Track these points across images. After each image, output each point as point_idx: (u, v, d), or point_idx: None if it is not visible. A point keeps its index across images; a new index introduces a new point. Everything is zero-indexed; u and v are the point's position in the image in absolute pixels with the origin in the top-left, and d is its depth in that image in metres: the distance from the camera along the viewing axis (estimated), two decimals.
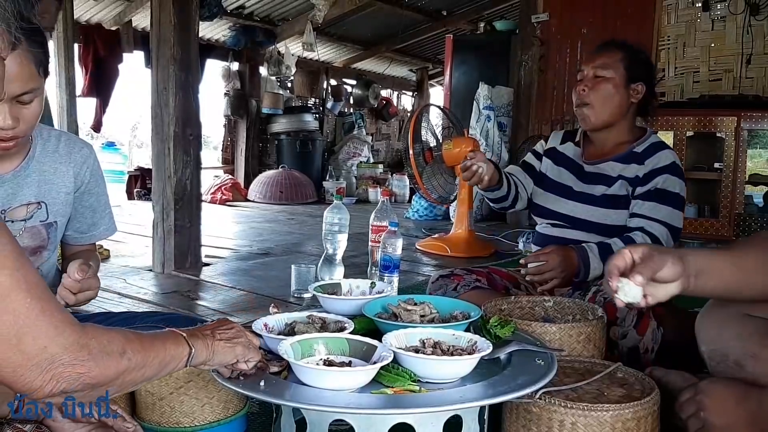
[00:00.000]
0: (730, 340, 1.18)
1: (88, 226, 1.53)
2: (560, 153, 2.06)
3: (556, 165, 2.05)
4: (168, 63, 3.05)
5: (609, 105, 1.88)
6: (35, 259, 1.44)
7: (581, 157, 2.00)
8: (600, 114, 1.89)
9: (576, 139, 2.05)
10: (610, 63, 1.87)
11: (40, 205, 1.42)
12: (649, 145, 1.90)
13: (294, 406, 1.08)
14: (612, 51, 1.90)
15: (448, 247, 3.80)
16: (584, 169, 1.97)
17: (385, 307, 1.30)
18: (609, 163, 1.92)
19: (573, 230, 1.90)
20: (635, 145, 1.91)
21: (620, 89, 1.87)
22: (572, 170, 2.00)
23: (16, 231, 1.39)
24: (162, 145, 3.13)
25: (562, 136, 2.11)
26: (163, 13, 3.06)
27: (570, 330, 1.37)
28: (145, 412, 1.22)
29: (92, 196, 1.53)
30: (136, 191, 6.77)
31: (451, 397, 0.98)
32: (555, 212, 1.97)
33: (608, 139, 1.94)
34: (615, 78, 1.87)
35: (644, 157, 1.88)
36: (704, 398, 1.13)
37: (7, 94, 1.19)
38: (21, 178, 1.39)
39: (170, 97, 3.07)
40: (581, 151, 2.01)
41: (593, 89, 1.87)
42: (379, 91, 9.11)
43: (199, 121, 3.24)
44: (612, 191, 1.88)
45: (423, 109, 4.01)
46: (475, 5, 7.62)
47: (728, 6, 4.35)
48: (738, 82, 4.36)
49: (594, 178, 1.94)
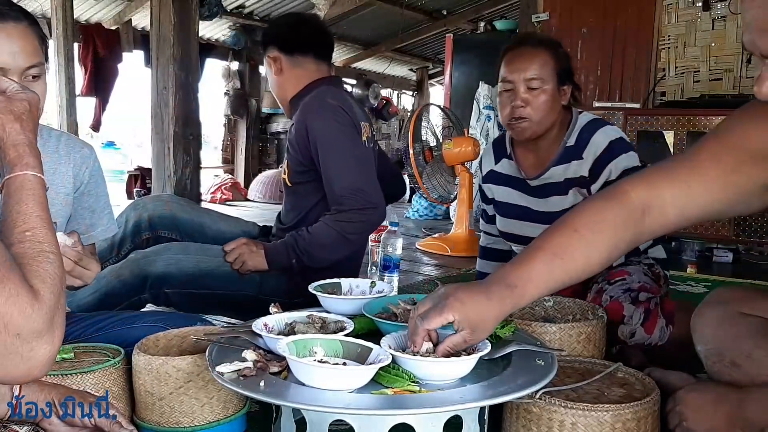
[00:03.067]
0: (725, 339, 1.18)
1: (87, 227, 1.53)
2: (499, 174, 2.01)
3: (501, 186, 2.00)
4: (168, 62, 3.06)
5: (547, 116, 1.82)
6: None
7: (520, 173, 1.94)
8: (539, 126, 1.83)
9: (507, 152, 1.99)
10: (542, 72, 1.80)
11: None
12: (580, 131, 1.83)
13: (294, 407, 1.08)
14: (539, 55, 1.81)
15: (449, 246, 3.79)
16: (530, 185, 1.92)
17: (385, 307, 1.30)
18: (551, 170, 1.86)
19: None
20: (566, 140, 1.84)
21: (555, 95, 1.82)
22: (519, 188, 1.95)
23: None
24: (162, 144, 3.14)
25: (494, 156, 2.04)
26: (163, 12, 3.06)
27: (570, 330, 1.37)
28: (144, 413, 1.22)
29: (91, 197, 1.52)
30: (135, 191, 6.76)
31: (451, 397, 0.98)
32: (524, 237, 1.91)
33: (542, 143, 1.88)
34: (549, 87, 1.80)
35: (580, 148, 1.81)
36: (683, 408, 1.15)
37: (17, 68, 1.23)
38: None
39: (170, 96, 3.08)
40: (516, 165, 1.96)
41: (530, 103, 1.80)
42: (379, 91, 9.10)
43: (199, 120, 3.25)
44: (569, 202, 1.82)
45: (423, 108, 4.01)
46: (475, 5, 7.61)
47: (728, 5, 4.34)
48: (738, 82, 4.36)
49: (543, 191, 1.89)
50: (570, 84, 1.87)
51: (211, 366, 1.05)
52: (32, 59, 1.26)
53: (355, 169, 1.83)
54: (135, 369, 1.22)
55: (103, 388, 1.19)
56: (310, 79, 1.99)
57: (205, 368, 1.15)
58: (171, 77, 3.04)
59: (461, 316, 1.02)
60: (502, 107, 1.87)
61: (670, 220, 1.08)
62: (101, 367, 1.21)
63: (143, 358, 1.20)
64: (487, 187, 2.06)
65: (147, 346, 1.28)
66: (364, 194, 1.80)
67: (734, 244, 3.76)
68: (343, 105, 1.90)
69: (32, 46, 1.27)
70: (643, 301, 1.59)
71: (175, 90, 3.05)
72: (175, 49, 3.03)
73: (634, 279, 1.67)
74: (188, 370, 1.19)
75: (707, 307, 1.27)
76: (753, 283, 2.95)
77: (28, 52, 1.25)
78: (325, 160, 1.83)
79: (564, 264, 1.07)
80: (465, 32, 7.58)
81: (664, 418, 1.18)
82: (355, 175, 1.81)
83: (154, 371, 1.19)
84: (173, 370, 1.18)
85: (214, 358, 1.09)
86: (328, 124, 1.85)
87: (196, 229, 2.06)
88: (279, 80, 2.02)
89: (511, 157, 1.98)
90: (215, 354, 1.12)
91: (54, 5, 5.24)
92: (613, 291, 1.62)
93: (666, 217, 1.08)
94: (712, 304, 1.27)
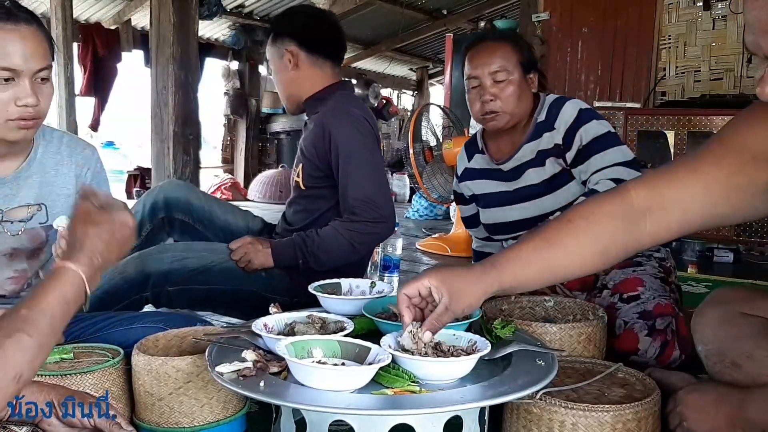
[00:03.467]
0: (726, 339, 1.18)
1: None
2: (474, 169, 2.01)
3: (477, 180, 2.00)
4: (167, 62, 3.05)
5: (518, 106, 1.83)
6: (32, 262, 1.43)
7: (492, 162, 1.95)
8: (511, 117, 1.84)
9: (479, 147, 2.00)
10: (506, 63, 1.81)
11: (40, 207, 1.41)
12: (548, 107, 1.84)
13: (294, 407, 1.08)
14: (501, 47, 1.83)
15: (449, 246, 3.79)
16: (504, 170, 1.92)
17: (385, 307, 1.29)
18: (523, 149, 1.86)
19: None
20: (536, 117, 1.85)
21: (522, 85, 1.83)
22: (493, 177, 1.95)
23: (14, 231, 1.38)
24: (161, 144, 3.13)
25: (466, 154, 2.05)
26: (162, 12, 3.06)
27: (570, 330, 1.37)
28: (144, 413, 1.21)
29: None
30: (135, 191, 6.76)
31: (451, 397, 0.98)
32: (508, 223, 1.90)
33: (515, 130, 1.89)
34: (515, 77, 1.81)
35: (550, 121, 1.82)
36: (684, 409, 1.14)
37: (28, 71, 1.24)
38: (22, 180, 1.39)
39: (170, 96, 3.08)
40: (488, 157, 1.96)
41: (499, 96, 1.81)
42: (380, 91, 9.11)
43: (199, 120, 3.25)
44: (547, 172, 1.82)
45: (423, 108, 4.00)
46: (475, 4, 7.61)
47: (729, 5, 4.34)
48: (739, 82, 4.35)
49: (517, 171, 1.88)
50: (535, 72, 1.88)
51: (210, 366, 1.05)
52: (43, 62, 1.27)
53: (372, 180, 1.84)
54: (134, 369, 1.21)
55: (103, 388, 1.19)
56: (327, 82, 1.97)
57: (205, 368, 1.15)
58: (171, 77, 3.04)
59: (438, 282, 1.04)
60: (472, 104, 1.88)
61: (672, 224, 1.07)
62: (101, 367, 1.21)
63: (143, 358, 1.20)
64: (464, 185, 2.05)
65: (146, 346, 1.28)
66: (377, 207, 1.80)
67: (735, 244, 3.75)
68: (366, 116, 1.93)
69: (43, 48, 1.27)
70: (660, 330, 1.52)
71: (174, 90, 3.05)
72: (174, 49, 3.03)
73: (648, 295, 1.60)
74: (188, 370, 1.18)
75: (708, 308, 1.26)
76: (754, 283, 2.95)
77: (40, 55, 1.26)
78: (344, 168, 1.84)
79: (553, 250, 1.07)
80: (465, 32, 7.58)
81: (665, 419, 1.18)
82: (372, 186, 1.83)
83: (153, 372, 1.18)
84: (173, 370, 1.18)
85: (213, 359, 1.09)
86: (352, 135, 1.85)
87: (206, 216, 2.06)
88: (294, 76, 1.96)
89: (482, 151, 1.99)
90: (215, 354, 1.12)
91: (53, 5, 5.24)
92: (628, 315, 1.56)
93: (668, 219, 1.07)
94: (712, 304, 1.27)
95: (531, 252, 1.08)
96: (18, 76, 1.24)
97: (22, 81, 1.25)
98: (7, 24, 1.23)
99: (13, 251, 1.39)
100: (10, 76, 1.24)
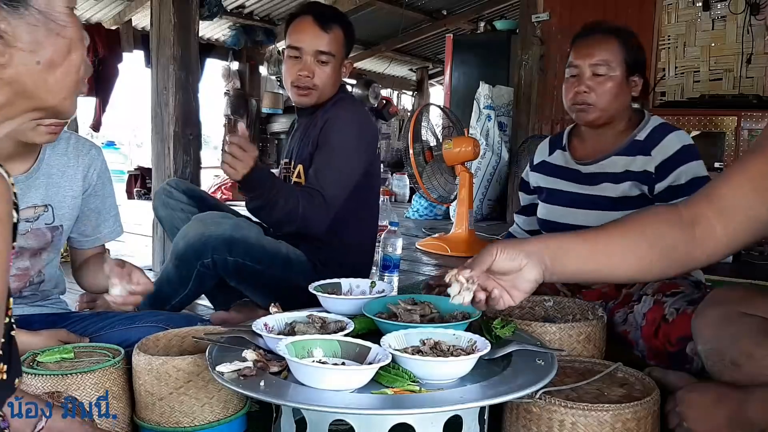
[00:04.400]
0: (726, 339, 1.18)
1: (92, 228, 1.53)
2: (551, 164, 1.96)
3: (549, 176, 1.94)
4: (168, 62, 3.05)
5: (612, 104, 1.77)
6: (35, 261, 1.43)
7: (573, 161, 1.89)
8: (603, 114, 1.78)
9: (563, 143, 1.94)
10: (609, 58, 1.75)
11: (47, 207, 1.41)
12: (652, 130, 1.77)
13: (294, 406, 1.08)
14: (608, 42, 1.77)
15: (449, 246, 3.79)
16: (581, 172, 1.85)
17: (385, 307, 1.30)
18: (611, 159, 1.80)
19: None
20: (636, 133, 1.79)
21: (621, 84, 1.76)
22: (568, 177, 1.88)
23: (21, 231, 1.39)
24: (162, 144, 3.13)
25: (548, 147, 2.00)
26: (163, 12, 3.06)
27: (570, 330, 1.37)
28: (144, 412, 1.22)
29: (97, 198, 1.52)
30: (136, 191, 6.77)
31: (451, 397, 0.98)
32: (565, 225, 1.82)
33: (606, 133, 1.83)
34: (617, 74, 1.75)
35: (649, 145, 1.75)
36: (683, 408, 1.15)
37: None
38: (31, 181, 1.38)
39: (170, 96, 3.07)
40: (570, 154, 1.91)
41: (594, 90, 1.76)
42: (379, 91, 9.08)
43: (199, 120, 3.24)
44: (622, 192, 1.76)
45: (423, 108, 4.00)
46: (475, 5, 7.61)
47: (728, 5, 4.34)
48: (738, 82, 4.35)
49: (596, 178, 1.81)
50: (640, 76, 1.80)
51: (211, 366, 1.05)
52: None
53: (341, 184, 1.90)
54: (135, 369, 1.22)
55: (103, 387, 1.19)
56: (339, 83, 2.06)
57: (206, 368, 1.15)
58: (171, 77, 3.04)
59: (501, 245, 1.04)
60: (567, 92, 1.82)
61: (719, 236, 1.05)
62: (101, 366, 1.21)
63: (143, 358, 1.20)
64: (533, 175, 2.00)
65: (147, 346, 1.28)
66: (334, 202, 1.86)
67: None
68: (368, 122, 2.04)
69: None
70: None
71: (175, 90, 3.05)
72: (175, 49, 3.03)
73: (690, 290, 1.59)
74: (188, 370, 1.19)
75: (708, 307, 1.27)
76: (753, 282, 2.95)
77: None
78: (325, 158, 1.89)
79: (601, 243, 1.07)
80: (465, 32, 7.58)
81: (665, 419, 1.18)
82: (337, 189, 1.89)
83: (154, 371, 1.19)
84: (173, 370, 1.18)
85: (214, 358, 1.09)
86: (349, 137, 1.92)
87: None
88: (334, 77, 2.01)
89: (565, 148, 1.93)
90: (215, 354, 1.12)
91: None
92: (677, 303, 1.52)
93: (714, 232, 1.04)
94: (712, 304, 1.27)
95: (578, 241, 1.07)
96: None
97: None
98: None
99: (19, 250, 1.39)
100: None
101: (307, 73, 1.95)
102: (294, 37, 1.97)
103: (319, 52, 1.94)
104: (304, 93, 1.97)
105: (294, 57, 1.96)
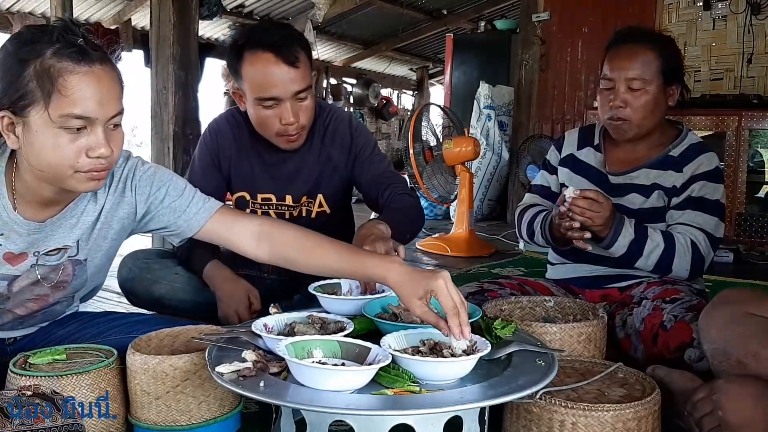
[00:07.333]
0: (731, 339, 1.18)
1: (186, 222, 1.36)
2: (579, 161, 1.86)
3: (576, 174, 1.85)
4: (167, 62, 3.05)
5: (648, 118, 1.70)
6: (55, 291, 1.36)
7: (604, 167, 1.81)
8: (640, 128, 1.71)
9: (595, 142, 1.86)
10: (646, 71, 1.67)
11: (74, 242, 1.33)
12: (687, 147, 1.73)
13: (294, 407, 1.08)
14: (644, 53, 1.68)
15: (449, 246, 3.79)
16: (610, 181, 1.79)
17: (385, 308, 1.29)
18: (643, 171, 1.75)
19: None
20: (671, 148, 1.74)
21: (659, 97, 1.69)
22: (596, 181, 1.80)
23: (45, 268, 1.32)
24: (161, 144, 3.13)
25: (578, 139, 1.90)
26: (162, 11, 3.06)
27: (570, 330, 1.37)
28: (140, 412, 1.21)
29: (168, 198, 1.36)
30: None
31: (451, 397, 0.97)
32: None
33: (640, 145, 1.77)
34: (652, 88, 1.68)
35: (683, 162, 1.71)
36: (721, 397, 1.11)
37: (102, 118, 1.12)
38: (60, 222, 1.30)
39: (170, 96, 3.08)
40: (603, 158, 1.83)
41: (630, 104, 1.68)
42: (380, 91, 9.10)
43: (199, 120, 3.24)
44: (650, 203, 1.71)
45: (423, 108, 4.00)
46: (475, 4, 7.61)
47: (729, 5, 4.34)
48: (739, 82, 4.35)
49: (624, 189, 1.75)
50: (678, 84, 1.74)
51: (210, 366, 1.05)
52: (117, 106, 1.14)
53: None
54: (130, 368, 1.21)
55: (99, 388, 1.19)
56: None
57: (202, 366, 1.15)
58: (171, 77, 3.04)
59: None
60: (601, 105, 1.75)
61: None
62: (96, 367, 1.20)
63: (139, 357, 1.20)
64: (560, 170, 1.90)
65: (140, 345, 1.27)
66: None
67: (735, 244, 3.75)
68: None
69: (116, 90, 1.14)
70: None
71: (174, 89, 3.05)
72: (174, 49, 3.03)
73: (689, 297, 1.58)
74: (185, 368, 1.18)
75: (714, 307, 1.27)
76: (753, 283, 2.95)
77: (115, 99, 1.13)
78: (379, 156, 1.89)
79: None
80: (465, 32, 7.57)
81: (665, 418, 1.17)
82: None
83: (150, 370, 1.18)
84: (170, 368, 1.18)
85: (213, 359, 1.09)
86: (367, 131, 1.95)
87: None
88: (314, 102, 1.76)
89: (599, 149, 1.85)
90: (215, 354, 1.12)
91: (54, 5, 5.23)
92: (676, 311, 1.52)
93: None
94: (719, 304, 1.27)
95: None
96: (91, 124, 1.11)
97: (95, 129, 1.12)
98: (80, 66, 1.09)
99: (39, 280, 1.33)
100: (83, 125, 1.11)
101: (293, 119, 1.66)
102: (260, 85, 1.63)
103: (297, 93, 1.65)
104: (293, 139, 1.72)
105: (268, 107, 1.66)
